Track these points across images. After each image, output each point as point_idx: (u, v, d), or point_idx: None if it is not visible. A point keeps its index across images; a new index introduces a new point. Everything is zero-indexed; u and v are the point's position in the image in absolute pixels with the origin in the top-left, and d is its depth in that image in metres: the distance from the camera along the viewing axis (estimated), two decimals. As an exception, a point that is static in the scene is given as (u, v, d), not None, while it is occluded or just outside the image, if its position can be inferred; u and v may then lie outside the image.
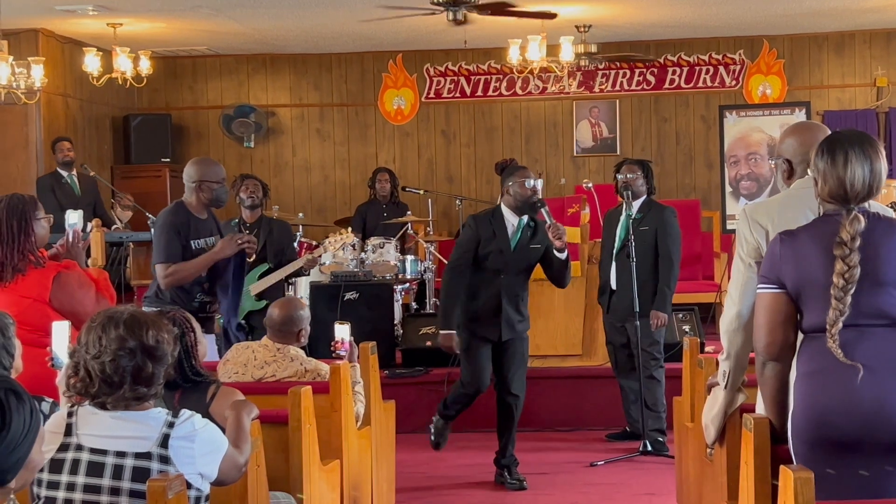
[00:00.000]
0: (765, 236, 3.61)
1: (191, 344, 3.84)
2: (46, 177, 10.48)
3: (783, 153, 3.86)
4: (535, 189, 6.32)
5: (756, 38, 12.62)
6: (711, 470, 4.39)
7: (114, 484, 3.00)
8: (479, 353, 6.39)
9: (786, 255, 3.25)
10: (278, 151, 13.29)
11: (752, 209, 3.75)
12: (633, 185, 7.19)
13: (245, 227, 7.72)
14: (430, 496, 6.44)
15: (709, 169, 12.72)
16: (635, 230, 7.12)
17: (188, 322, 3.89)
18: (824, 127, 3.89)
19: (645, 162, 7.45)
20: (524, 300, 6.47)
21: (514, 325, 6.39)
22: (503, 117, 13.03)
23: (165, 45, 12.20)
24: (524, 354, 6.50)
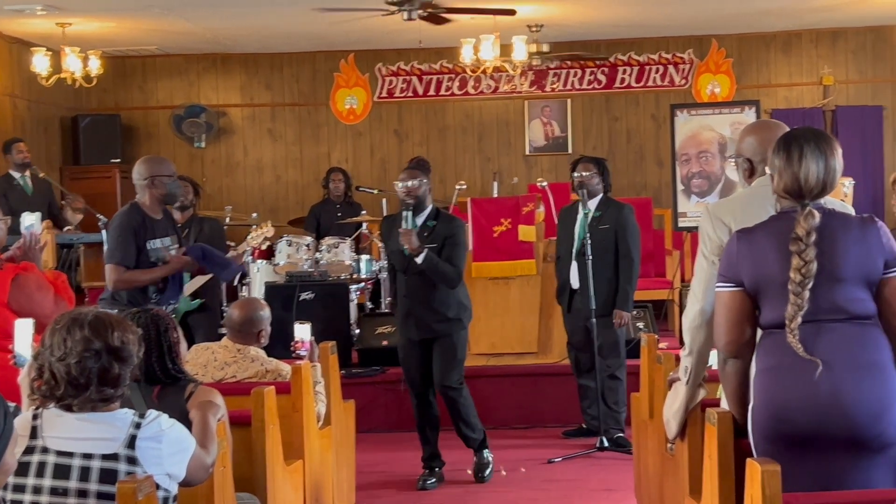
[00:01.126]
0: (727, 233, 3.65)
1: (173, 341, 3.83)
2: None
3: (743, 152, 3.91)
4: (406, 191, 6.24)
5: (705, 37, 12.74)
6: (673, 465, 4.43)
7: (81, 486, 2.98)
8: (407, 354, 6.52)
9: (743, 253, 3.29)
10: (230, 151, 13.21)
11: (715, 207, 3.80)
12: (589, 183, 7.22)
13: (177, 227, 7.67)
14: (390, 495, 6.44)
15: (659, 167, 12.83)
16: (594, 228, 7.15)
17: (171, 320, 3.88)
18: (783, 125, 3.94)
19: (600, 160, 7.47)
20: (442, 300, 6.34)
21: (428, 324, 6.36)
22: (456, 117, 13.06)
23: (115, 44, 12.08)
24: (453, 348, 6.40)
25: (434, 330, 6.37)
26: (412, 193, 6.25)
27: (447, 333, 6.39)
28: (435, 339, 6.40)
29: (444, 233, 6.29)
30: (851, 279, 3.25)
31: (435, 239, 6.29)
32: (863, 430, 3.16)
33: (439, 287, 6.33)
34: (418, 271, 6.28)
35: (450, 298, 6.37)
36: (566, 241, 7.35)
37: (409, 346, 6.48)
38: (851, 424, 3.16)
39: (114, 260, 5.82)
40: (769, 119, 7.74)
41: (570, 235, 7.31)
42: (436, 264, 6.21)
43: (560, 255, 7.44)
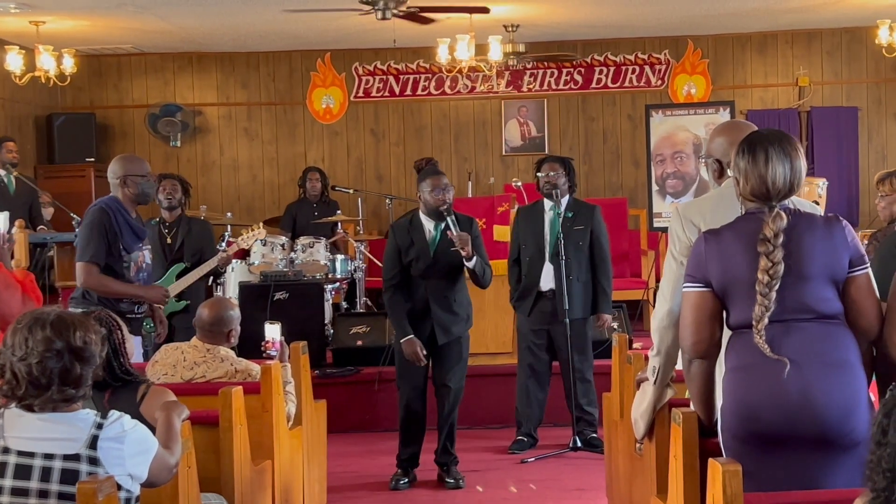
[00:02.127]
0: (697, 234, 3.65)
1: (118, 342, 3.79)
2: None
3: (713, 153, 3.91)
4: (443, 199, 6.27)
5: (681, 38, 12.79)
6: (641, 465, 4.44)
7: (42, 486, 2.96)
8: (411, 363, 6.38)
9: (710, 254, 3.30)
10: (205, 151, 13.17)
11: (685, 208, 3.80)
12: (556, 182, 7.18)
13: (165, 226, 7.65)
14: (362, 496, 6.43)
15: (635, 167, 12.86)
16: (568, 229, 7.12)
17: (114, 321, 3.84)
18: (752, 126, 3.95)
19: (566, 159, 7.41)
20: (458, 301, 6.41)
21: (449, 327, 6.36)
22: (432, 116, 13.05)
23: (90, 43, 12.02)
24: (462, 352, 6.47)
25: (452, 332, 6.37)
26: (448, 201, 6.28)
27: (460, 335, 6.42)
28: (446, 343, 6.38)
29: (466, 231, 6.29)
30: (818, 278, 3.26)
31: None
32: (832, 429, 3.17)
33: (457, 289, 6.39)
34: (443, 275, 6.30)
35: (464, 298, 6.45)
36: (533, 241, 7.23)
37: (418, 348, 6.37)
38: (821, 423, 3.17)
39: (84, 258, 5.77)
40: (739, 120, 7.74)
41: (537, 236, 7.22)
42: (482, 265, 6.32)
43: (529, 257, 7.26)
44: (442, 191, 6.28)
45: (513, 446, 7.32)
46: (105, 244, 5.77)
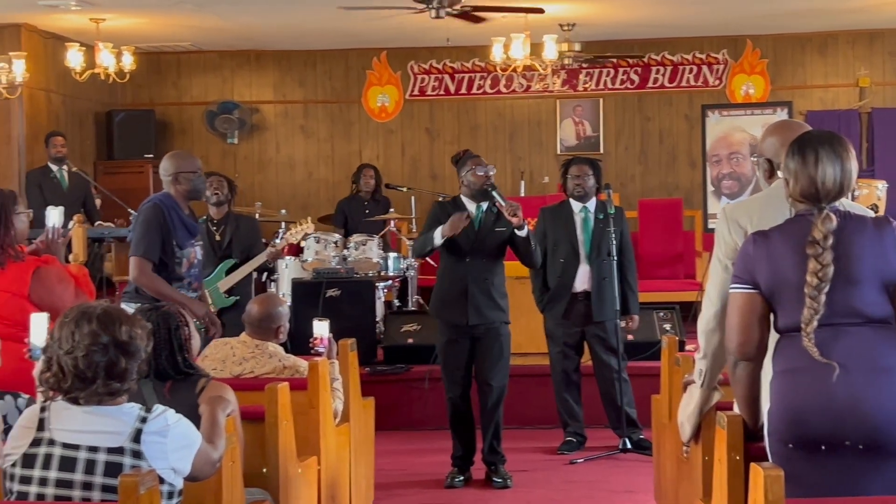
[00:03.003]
0: (743, 236, 3.61)
1: (185, 337, 3.85)
2: (35, 171, 10.45)
3: (764, 152, 3.86)
4: (487, 175, 6.36)
5: (740, 37, 12.65)
6: (687, 468, 4.40)
7: (86, 479, 3.00)
8: (453, 349, 6.43)
9: (759, 256, 3.26)
10: (262, 148, 13.27)
11: (732, 209, 3.76)
12: (586, 185, 7.16)
13: (213, 223, 7.69)
14: (410, 494, 6.44)
15: (691, 168, 12.75)
16: (601, 231, 7.10)
17: (182, 317, 3.89)
18: (805, 125, 3.89)
19: (594, 160, 7.38)
20: (497, 288, 6.43)
21: (483, 310, 6.35)
22: (487, 115, 13.04)
23: (149, 40, 12.16)
24: (502, 348, 6.46)
25: (486, 316, 6.37)
26: (491, 179, 6.38)
27: (495, 323, 6.40)
28: (485, 331, 6.37)
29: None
30: (867, 282, 3.21)
31: (504, 224, 6.35)
32: (881, 435, 3.12)
33: (496, 273, 6.43)
34: (485, 255, 6.35)
35: (502, 287, 6.48)
36: (566, 243, 7.14)
37: (455, 340, 6.41)
38: (869, 428, 3.12)
39: (137, 252, 5.83)
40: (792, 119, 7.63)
41: (570, 237, 7.15)
42: (534, 238, 6.39)
43: (563, 258, 7.15)
44: (484, 168, 6.38)
45: (562, 447, 7.29)
46: (159, 240, 5.82)
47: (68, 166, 10.29)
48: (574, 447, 7.27)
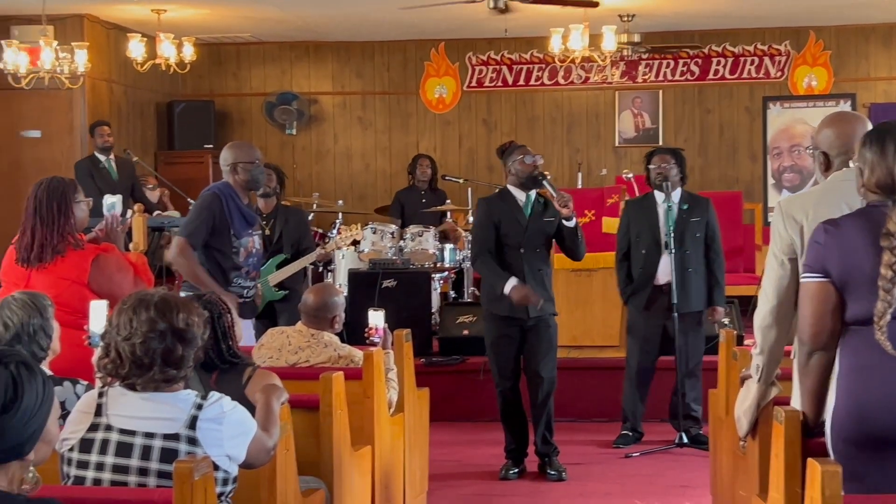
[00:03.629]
0: (799, 232, 3.57)
1: (227, 326, 3.87)
2: (84, 161, 10.56)
3: (820, 145, 3.80)
4: (535, 163, 6.34)
5: (802, 28, 12.48)
6: (744, 463, 4.35)
7: (142, 464, 3.03)
8: (503, 342, 6.41)
9: (831, 245, 3.19)
10: (320, 139, 13.33)
11: (787, 203, 3.70)
12: (668, 175, 7.07)
13: (261, 216, 7.67)
14: (464, 485, 6.44)
15: (752, 161, 12.60)
16: (685, 221, 7.01)
17: (224, 305, 3.92)
18: (863, 117, 3.83)
19: (677, 150, 7.30)
20: (548, 277, 6.43)
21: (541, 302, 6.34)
22: (545, 107, 12.99)
23: (209, 31, 12.26)
24: (551, 340, 6.42)
25: (543, 308, 6.34)
26: (539, 168, 6.36)
27: (547, 315, 6.38)
28: (535, 323, 6.35)
29: (554, 212, 6.32)
30: (940, 275, 3.14)
31: (552, 213, 6.34)
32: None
33: (548, 264, 6.44)
34: (537, 245, 6.32)
35: (550, 278, 6.48)
36: (648, 234, 7.10)
37: (505, 333, 6.39)
38: None
39: (183, 233, 5.90)
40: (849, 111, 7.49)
41: (652, 228, 7.11)
42: (580, 230, 6.36)
43: (645, 249, 7.12)
44: (532, 157, 6.36)
45: (617, 441, 7.25)
46: (207, 228, 5.86)
47: (128, 155, 10.41)
48: (630, 441, 7.22)
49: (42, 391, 2.31)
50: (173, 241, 5.95)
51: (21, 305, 3.82)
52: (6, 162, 11.13)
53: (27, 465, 2.28)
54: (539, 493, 6.22)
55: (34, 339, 3.81)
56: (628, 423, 7.29)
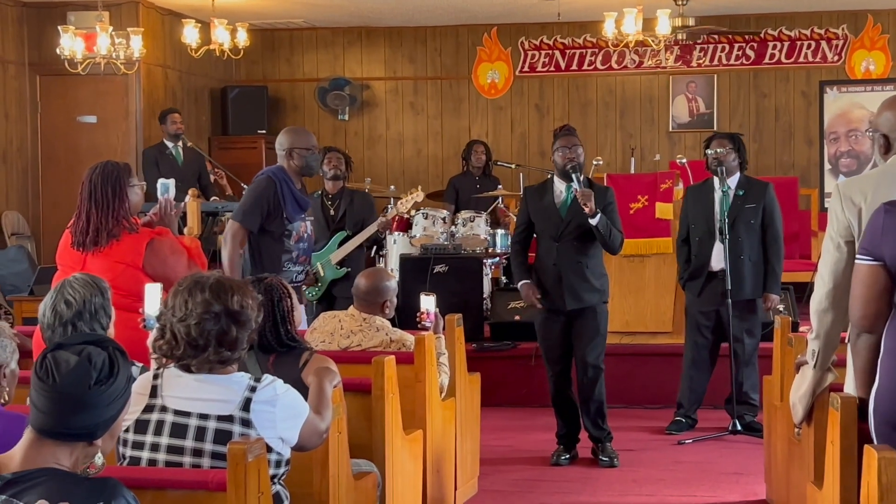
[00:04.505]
0: (857, 214, 3.52)
1: (287, 309, 3.89)
2: (151, 149, 10.67)
3: (880, 127, 3.75)
4: (570, 157, 6.25)
5: (860, 12, 12.29)
6: (799, 450, 4.32)
7: (196, 445, 3.06)
8: (549, 327, 6.41)
9: (888, 228, 3.16)
10: (372, 124, 13.35)
11: (846, 185, 3.66)
12: (725, 160, 6.98)
13: (328, 198, 7.78)
14: (515, 470, 6.43)
15: (808, 146, 12.45)
16: (739, 207, 6.92)
17: (285, 288, 3.94)
18: None
19: (736, 135, 7.19)
20: (592, 268, 6.32)
21: (580, 293, 6.28)
22: (598, 92, 12.91)
23: (262, 17, 12.31)
24: (598, 327, 6.35)
25: (583, 299, 6.29)
26: (577, 159, 6.28)
27: (593, 304, 6.33)
28: (580, 312, 6.32)
29: (601, 201, 6.25)
30: None
31: None
32: None
33: (590, 255, 6.32)
34: (575, 237, 6.27)
35: (598, 268, 6.37)
36: (702, 220, 7.02)
37: (551, 320, 6.40)
38: None
39: (236, 218, 5.95)
40: None
41: (707, 215, 7.03)
42: (608, 225, 6.21)
43: (699, 236, 7.04)
44: (568, 149, 6.28)
45: (670, 427, 7.20)
46: (261, 213, 5.90)
47: (183, 142, 10.50)
48: (683, 428, 7.17)
49: (128, 381, 2.37)
50: (227, 225, 6.00)
51: (83, 284, 3.87)
52: (63, 147, 11.26)
53: (94, 450, 2.32)
54: (590, 479, 6.20)
55: (95, 318, 3.86)
56: (683, 409, 7.24)
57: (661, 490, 5.99)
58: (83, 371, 2.29)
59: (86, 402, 2.29)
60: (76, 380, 2.29)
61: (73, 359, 2.30)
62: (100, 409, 2.30)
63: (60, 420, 2.29)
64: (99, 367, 2.31)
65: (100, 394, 2.30)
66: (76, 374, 2.29)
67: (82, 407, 2.28)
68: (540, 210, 6.38)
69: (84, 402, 2.29)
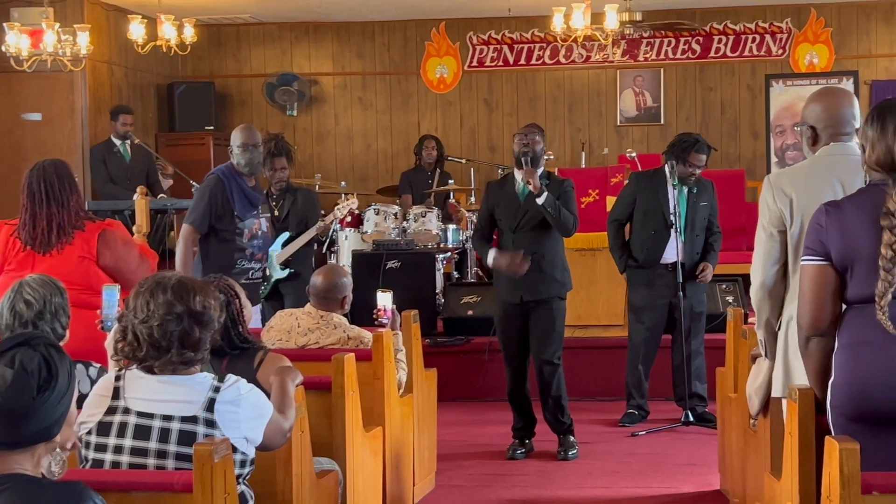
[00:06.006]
0: (788, 204, 3.65)
1: (237, 311, 3.86)
2: (99, 146, 10.57)
3: (807, 119, 3.85)
4: (525, 143, 6.31)
5: (803, 6, 12.44)
6: (755, 441, 4.38)
7: (160, 447, 3.04)
8: (507, 321, 6.46)
9: (832, 226, 3.21)
10: (321, 120, 13.30)
11: (776, 177, 3.79)
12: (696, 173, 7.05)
13: (271, 197, 7.61)
14: (472, 465, 6.46)
15: (754, 139, 12.58)
16: (696, 206, 7.02)
17: (233, 289, 3.91)
18: (849, 92, 3.92)
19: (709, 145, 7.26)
20: (550, 259, 6.35)
21: (536, 285, 6.31)
22: (546, 86, 12.96)
23: (209, 12, 12.22)
24: (554, 323, 6.38)
25: (539, 291, 6.32)
26: (531, 145, 6.33)
27: (550, 297, 6.35)
28: (536, 305, 6.35)
29: (557, 191, 6.31)
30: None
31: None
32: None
33: (547, 247, 6.35)
34: (532, 227, 6.29)
35: (557, 259, 6.40)
36: (656, 213, 7.04)
37: (509, 312, 6.43)
38: None
39: (187, 221, 5.93)
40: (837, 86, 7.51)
41: (660, 208, 7.02)
42: (556, 205, 6.22)
43: (654, 230, 7.07)
44: (524, 136, 6.37)
45: (623, 419, 7.27)
46: (210, 213, 5.88)
47: (131, 140, 10.41)
48: (636, 420, 7.25)
49: (70, 371, 2.33)
50: (181, 229, 5.98)
51: (41, 284, 3.84)
52: (7, 144, 11.10)
53: (53, 447, 2.29)
54: (546, 473, 6.24)
55: (56, 318, 3.83)
56: (633, 400, 7.31)
57: (617, 482, 6.04)
58: (21, 384, 2.23)
59: (34, 411, 2.24)
60: (17, 394, 2.23)
61: (9, 373, 2.23)
62: (49, 412, 2.27)
63: (12, 431, 2.24)
64: (36, 374, 2.25)
65: (45, 400, 2.25)
66: (15, 388, 2.23)
67: (31, 415, 2.24)
68: (501, 201, 6.42)
69: (32, 411, 2.24)
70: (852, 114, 3.86)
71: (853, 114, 3.87)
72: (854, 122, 3.86)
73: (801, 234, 3.72)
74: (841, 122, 3.82)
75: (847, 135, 3.83)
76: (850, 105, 3.88)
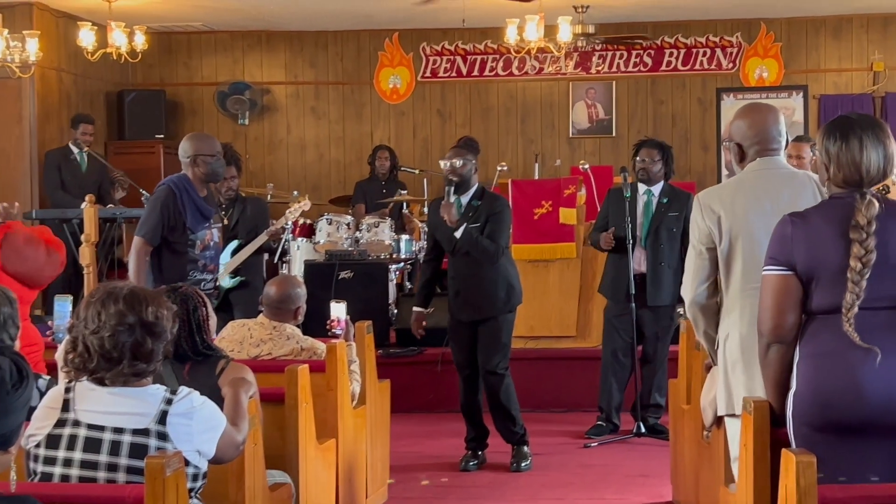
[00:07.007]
0: (716, 222, 3.74)
1: (203, 318, 3.83)
2: (55, 152, 10.45)
3: (733, 136, 3.89)
4: (452, 168, 6.24)
5: (754, 20, 12.57)
6: (708, 452, 4.39)
7: (111, 460, 2.99)
8: (457, 334, 6.46)
9: (797, 237, 3.21)
10: (273, 129, 13.23)
11: (705, 195, 3.87)
12: (650, 169, 7.04)
13: (220, 206, 7.55)
14: (425, 476, 6.42)
15: (704, 151, 12.70)
16: (663, 215, 7.01)
17: (200, 297, 3.88)
18: (774, 108, 3.97)
19: (665, 146, 7.24)
20: (493, 280, 6.28)
21: (478, 304, 6.30)
22: (499, 97, 12.99)
23: (161, 20, 12.11)
24: (500, 336, 6.34)
25: (482, 310, 6.30)
26: (457, 172, 6.26)
27: (493, 315, 6.32)
28: (483, 321, 6.34)
29: (488, 211, 6.26)
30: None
31: (478, 218, 6.27)
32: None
33: (487, 267, 6.28)
34: (465, 251, 6.25)
35: (498, 278, 6.31)
36: (623, 225, 7.01)
37: (457, 328, 6.44)
38: None
39: (139, 233, 5.84)
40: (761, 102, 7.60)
41: (625, 220, 6.99)
42: (475, 239, 6.19)
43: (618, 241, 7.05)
44: (448, 162, 6.29)
45: (591, 431, 7.24)
46: (163, 225, 5.80)
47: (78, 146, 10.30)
48: (604, 432, 7.21)
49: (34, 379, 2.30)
50: (133, 241, 5.88)
51: None
52: (-47, 151, 10.94)
53: (8, 459, 2.26)
54: (499, 484, 6.23)
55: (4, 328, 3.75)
56: (604, 413, 7.30)
57: (570, 493, 6.04)
58: None
59: (7, 407, 2.22)
60: None
61: None
62: (17, 413, 2.25)
63: None
64: (9, 373, 2.25)
65: (17, 398, 2.24)
66: None
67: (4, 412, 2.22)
68: (438, 224, 6.39)
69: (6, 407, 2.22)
70: (778, 130, 3.89)
71: (779, 130, 3.90)
72: (780, 137, 3.90)
73: (730, 250, 3.78)
74: (767, 137, 3.86)
75: (773, 150, 3.86)
76: (776, 121, 3.91)
